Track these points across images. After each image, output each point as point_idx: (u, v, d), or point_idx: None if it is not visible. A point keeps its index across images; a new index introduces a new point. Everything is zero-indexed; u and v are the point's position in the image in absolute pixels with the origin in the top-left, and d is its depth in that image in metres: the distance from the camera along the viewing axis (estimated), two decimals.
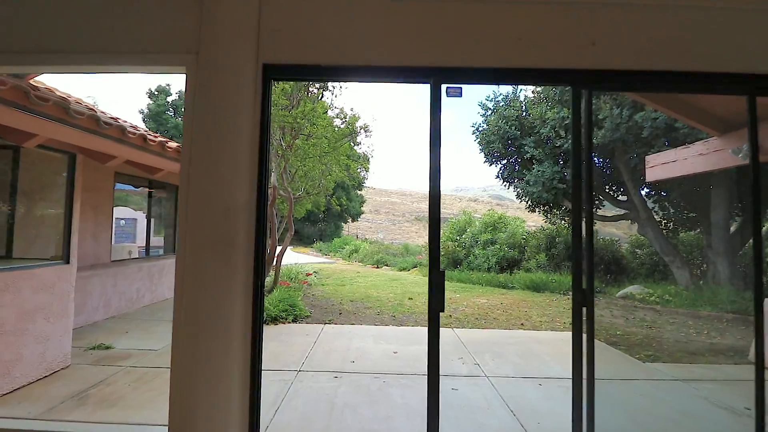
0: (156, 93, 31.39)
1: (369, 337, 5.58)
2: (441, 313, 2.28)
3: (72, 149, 4.06)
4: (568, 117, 9.55)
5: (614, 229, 15.87)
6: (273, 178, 7.17)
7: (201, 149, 1.98)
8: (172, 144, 5.45)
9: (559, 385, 3.99)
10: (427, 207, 2.22)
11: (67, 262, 4.07)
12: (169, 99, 31.02)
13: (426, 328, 2.27)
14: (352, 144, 8.62)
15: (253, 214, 2.03)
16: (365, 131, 8.00)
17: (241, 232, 1.97)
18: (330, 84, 7.85)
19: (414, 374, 4.17)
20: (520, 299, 9.04)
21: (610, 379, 4.26)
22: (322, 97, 7.93)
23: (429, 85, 2.14)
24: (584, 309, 2.22)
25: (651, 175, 6.84)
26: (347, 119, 7.80)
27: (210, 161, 1.97)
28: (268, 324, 6.04)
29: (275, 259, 7.63)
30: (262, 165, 2.08)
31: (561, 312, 7.83)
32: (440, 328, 6.18)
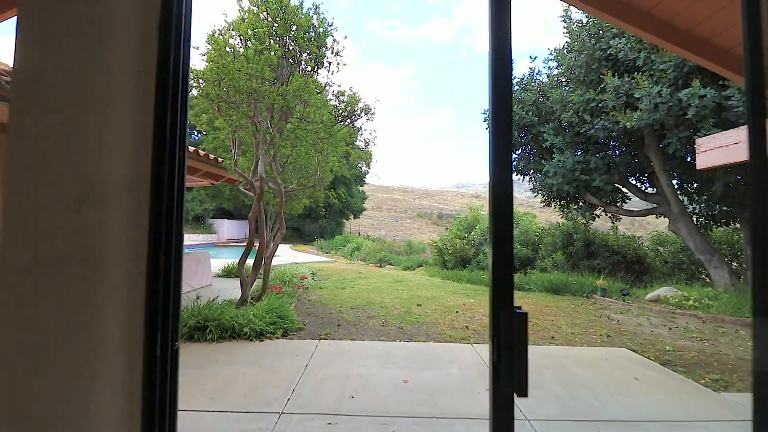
0: None
1: (372, 357, 4.60)
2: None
3: None
4: (593, 99, 8.49)
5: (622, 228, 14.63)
6: (260, 169, 6.18)
7: (35, 78, 0.98)
8: None
9: None
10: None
11: None
12: None
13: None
14: (351, 129, 7.57)
15: (145, 204, 1.03)
16: (366, 113, 6.98)
17: (114, 237, 0.97)
18: (326, 60, 6.82)
19: (433, 417, 3.18)
20: (542, 304, 8.05)
21: (689, 422, 3.26)
22: (317, 74, 6.91)
23: None
24: None
25: (703, 162, 5.80)
26: (346, 98, 6.76)
27: (50, 101, 0.97)
28: (252, 341, 5.07)
29: (263, 262, 6.64)
30: (169, 106, 1.08)
31: (592, 320, 6.83)
32: (457, 344, 5.05)
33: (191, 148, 6.68)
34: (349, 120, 7.17)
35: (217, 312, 5.32)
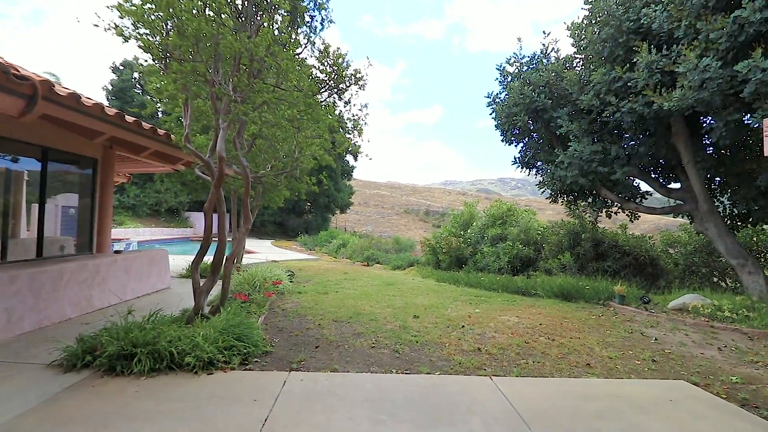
0: (121, 68, 28.15)
1: (361, 402, 3.30)
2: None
3: None
4: (620, 78, 7.32)
5: (601, 224, 12.93)
6: (219, 146, 4.80)
7: None
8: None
9: None
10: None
11: None
12: (136, 74, 27.84)
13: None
14: (336, 102, 6.17)
15: None
16: (357, 83, 5.63)
17: None
18: (307, 14, 5.43)
19: None
20: (559, 315, 6.89)
21: None
22: (297, 33, 5.51)
23: None
24: None
25: None
26: (331, 60, 5.36)
27: None
28: (197, 374, 3.70)
29: (224, 264, 5.26)
30: None
31: (625, 338, 5.69)
32: (472, 377, 3.68)
33: (130, 119, 5.22)
34: (335, 90, 5.79)
35: (151, 333, 3.93)
